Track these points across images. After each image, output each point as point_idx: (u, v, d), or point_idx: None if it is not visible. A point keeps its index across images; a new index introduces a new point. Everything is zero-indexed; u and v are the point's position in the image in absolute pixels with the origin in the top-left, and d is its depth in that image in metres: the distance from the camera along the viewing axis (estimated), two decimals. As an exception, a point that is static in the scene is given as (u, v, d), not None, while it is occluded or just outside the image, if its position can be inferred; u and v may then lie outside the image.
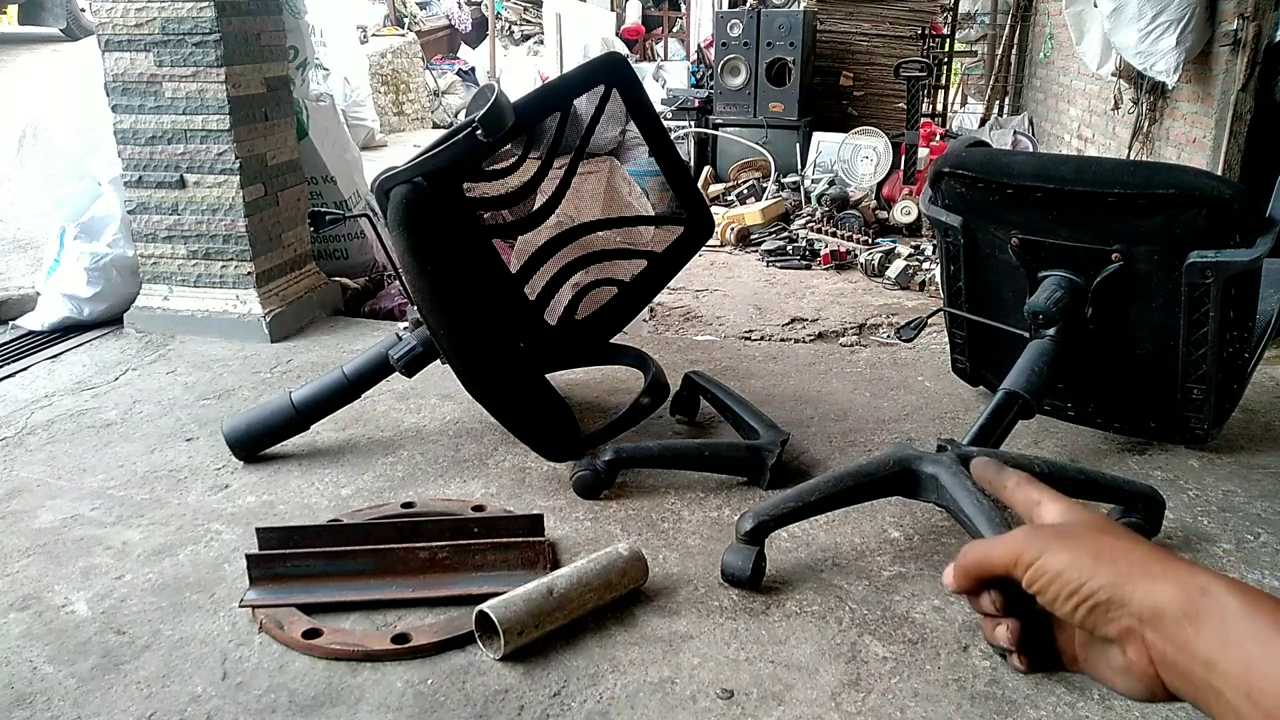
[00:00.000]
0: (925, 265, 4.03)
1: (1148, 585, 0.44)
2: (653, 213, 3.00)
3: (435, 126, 8.57)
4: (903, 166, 4.82)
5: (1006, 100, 7.09)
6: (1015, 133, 6.24)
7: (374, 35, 8.42)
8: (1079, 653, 0.50)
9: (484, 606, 1.35)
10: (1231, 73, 3.55)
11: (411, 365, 1.97)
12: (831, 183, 5.05)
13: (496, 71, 8.80)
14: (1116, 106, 4.67)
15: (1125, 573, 0.45)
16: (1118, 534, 0.48)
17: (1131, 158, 4.42)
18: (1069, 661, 0.51)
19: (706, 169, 5.68)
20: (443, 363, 1.93)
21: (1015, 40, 6.94)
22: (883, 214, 4.82)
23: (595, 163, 2.72)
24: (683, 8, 9.50)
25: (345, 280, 3.19)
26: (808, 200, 5.08)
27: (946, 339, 2.31)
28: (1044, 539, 0.49)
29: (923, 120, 5.20)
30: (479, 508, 1.77)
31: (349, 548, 1.56)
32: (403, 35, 8.74)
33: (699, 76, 7.06)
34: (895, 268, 4.00)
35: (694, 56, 7.92)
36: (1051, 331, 1.85)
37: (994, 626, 0.53)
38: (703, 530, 1.72)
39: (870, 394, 2.35)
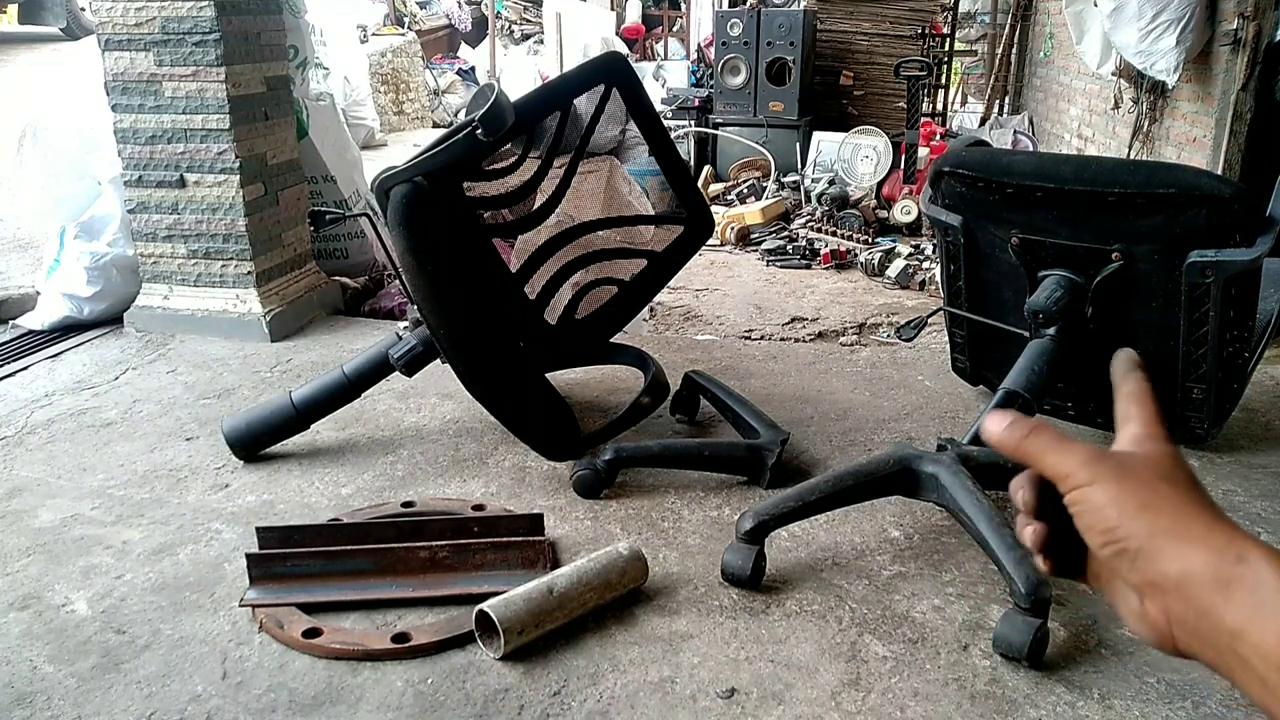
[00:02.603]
0: (925, 265, 4.03)
1: (1181, 547, 0.43)
2: (653, 212, 3.00)
3: (435, 126, 8.56)
4: (903, 166, 4.81)
5: (1006, 100, 7.09)
6: (1015, 132, 6.24)
7: (374, 35, 8.41)
8: (1103, 572, 0.49)
9: (484, 606, 1.35)
10: (1231, 72, 3.55)
11: (411, 364, 1.97)
12: (831, 182, 5.04)
13: (496, 71, 8.79)
14: (1116, 106, 4.66)
15: (1164, 529, 0.44)
16: (1178, 483, 0.46)
17: (1131, 157, 4.42)
18: (1092, 577, 0.50)
19: (706, 168, 5.67)
20: (443, 362, 1.93)
21: (1015, 40, 6.93)
22: (883, 213, 4.81)
23: (595, 162, 2.72)
24: (683, 7, 9.50)
25: (345, 280, 3.19)
26: (808, 200, 5.08)
27: (946, 338, 2.31)
28: (1102, 467, 0.47)
29: (923, 120, 5.20)
30: (479, 507, 1.77)
31: (349, 547, 1.56)
32: (403, 34, 8.73)
33: (699, 76, 7.05)
34: (895, 267, 4.00)
35: (694, 56, 7.91)
36: (1051, 331, 1.85)
37: (1024, 525, 0.51)
38: (703, 530, 1.72)
39: (870, 393, 2.35)
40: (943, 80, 6.96)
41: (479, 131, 1.74)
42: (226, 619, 1.47)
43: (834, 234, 4.56)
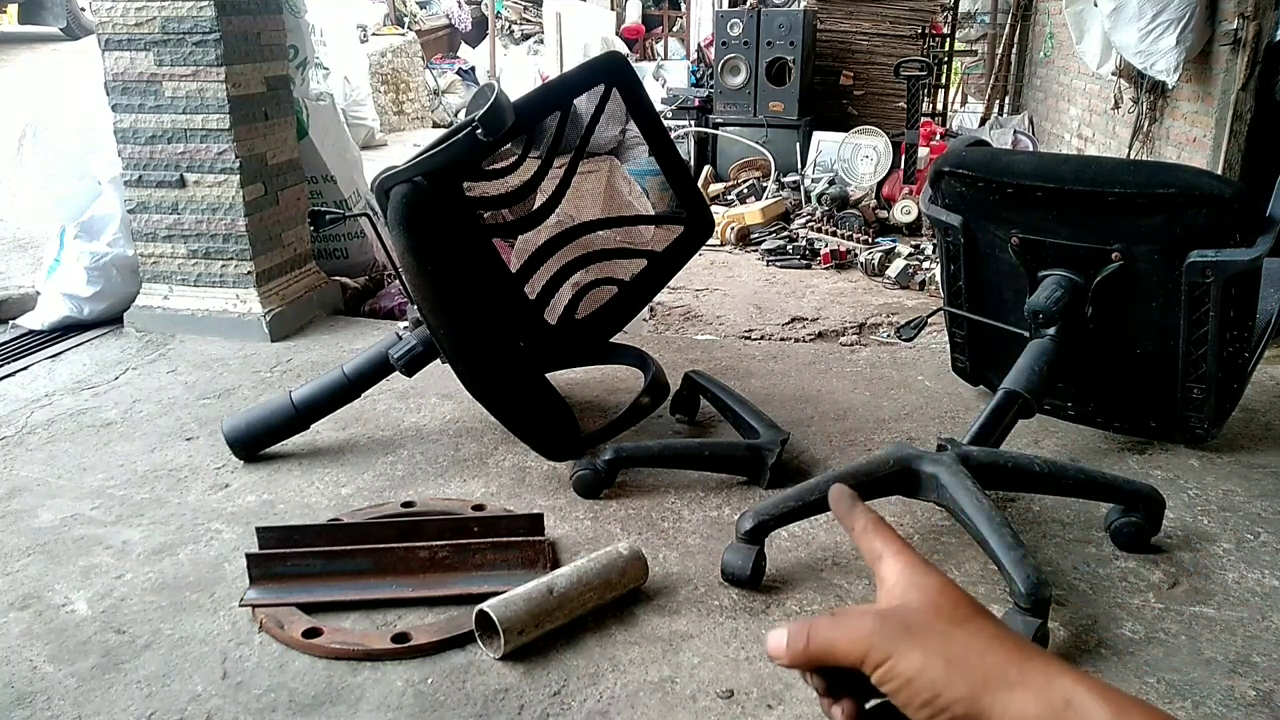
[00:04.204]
0: (925, 264, 4.03)
1: (1006, 697, 0.42)
2: (653, 212, 3.00)
3: (435, 126, 8.56)
4: (903, 166, 4.81)
5: (1006, 99, 7.09)
6: (1015, 132, 6.24)
7: (374, 34, 8.41)
8: None
9: (484, 606, 1.35)
10: (1232, 72, 3.54)
11: (411, 364, 1.97)
12: (831, 182, 5.04)
13: (496, 71, 8.79)
14: (1117, 106, 4.66)
15: (981, 682, 0.43)
16: (968, 627, 0.45)
17: (1132, 157, 4.42)
18: None
19: (706, 168, 5.67)
20: (443, 362, 1.93)
21: (1015, 39, 6.93)
22: (883, 213, 4.81)
23: (595, 162, 2.72)
24: (683, 7, 9.50)
25: (345, 280, 3.19)
26: (808, 199, 5.08)
27: (946, 338, 2.31)
28: (893, 635, 0.45)
29: (923, 119, 5.20)
30: (479, 507, 1.77)
31: (349, 547, 1.56)
32: (403, 34, 8.74)
33: (699, 76, 7.05)
34: (895, 267, 4.00)
35: (694, 56, 7.91)
36: (1051, 331, 1.85)
37: (829, 705, 0.49)
38: (703, 529, 1.72)
39: (870, 393, 2.35)
40: (943, 80, 6.96)
41: (479, 131, 1.74)
42: (226, 619, 1.47)
43: (834, 234, 4.56)
